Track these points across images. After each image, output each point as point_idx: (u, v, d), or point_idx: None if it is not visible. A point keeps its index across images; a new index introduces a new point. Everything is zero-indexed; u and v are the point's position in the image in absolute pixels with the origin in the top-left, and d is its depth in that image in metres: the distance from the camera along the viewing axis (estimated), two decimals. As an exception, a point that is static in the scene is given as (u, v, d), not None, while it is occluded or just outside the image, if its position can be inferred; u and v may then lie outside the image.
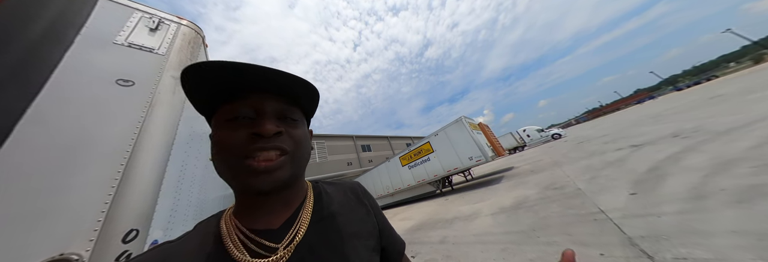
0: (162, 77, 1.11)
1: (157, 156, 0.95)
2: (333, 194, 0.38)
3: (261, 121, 0.25)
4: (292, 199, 0.32)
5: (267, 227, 0.28)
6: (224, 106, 0.26)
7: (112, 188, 0.77)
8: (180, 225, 1.11)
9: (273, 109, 0.27)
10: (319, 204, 0.34)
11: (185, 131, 1.22)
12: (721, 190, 1.65)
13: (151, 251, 0.28)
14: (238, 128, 0.25)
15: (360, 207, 0.38)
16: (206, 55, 1.81)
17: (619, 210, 1.86)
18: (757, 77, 8.32)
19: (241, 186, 0.26)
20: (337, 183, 0.42)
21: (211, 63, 0.22)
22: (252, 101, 0.26)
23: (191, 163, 1.33)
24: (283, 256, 0.26)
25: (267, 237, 0.27)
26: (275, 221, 0.29)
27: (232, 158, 0.24)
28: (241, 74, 0.24)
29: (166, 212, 0.96)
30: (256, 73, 0.24)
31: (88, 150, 0.78)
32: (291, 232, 0.28)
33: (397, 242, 0.40)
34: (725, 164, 2.05)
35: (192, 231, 0.30)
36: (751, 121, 3.22)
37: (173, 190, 1.04)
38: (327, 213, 0.33)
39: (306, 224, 0.30)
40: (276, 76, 0.25)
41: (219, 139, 0.25)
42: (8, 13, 0.54)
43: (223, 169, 0.26)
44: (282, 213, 0.30)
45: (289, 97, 0.29)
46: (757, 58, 76.72)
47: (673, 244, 1.25)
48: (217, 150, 0.25)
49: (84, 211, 0.70)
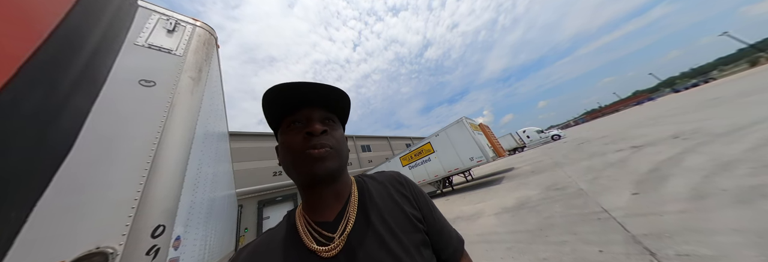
0: (180, 78, 1.14)
1: (179, 154, 0.98)
2: (374, 187, 0.41)
3: (311, 123, 0.34)
4: (342, 192, 0.37)
5: (325, 220, 0.34)
6: (285, 118, 0.35)
7: (140, 185, 0.80)
8: (196, 221, 1.14)
9: (318, 116, 0.36)
10: (363, 197, 0.38)
11: (201, 131, 1.25)
12: (721, 190, 1.69)
13: (262, 235, 0.37)
14: (296, 133, 0.33)
15: (401, 198, 0.39)
16: (218, 56, 1.84)
17: (622, 209, 1.90)
18: (752, 80, 8.42)
19: (304, 173, 0.32)
20: (379, 176, 0.45)
21: (284, 84, 0.31)
22: (304, 112, 0.35)
23: (205, 162, 1.36)
24: (338, 244, 0.31)
25: (326, 228, 0.33)
26: (330, 214, 0.35)
27: (295, 153, 0.32)
28: (298, 88, 0.32)
29: (185, 209, 0.99)
30: (303, 89, 0.33)
31: (119, 148, 0.81)
32: (342, 224, 0.33)
33: (452, 237, 0.39)
34: (725, 166, 2.09)
35: (283, 220, 0.39)
36: (748, 124, 3.28)
37: (191, 187, 1.07)
38: (370, 205, 0.37)
39: (353, 216, 0.34)
40: (316, 89, 0.34)
41: (285, 142, 0.34)
42: (79, 18, 0.57)
43: (289, 164, 0.33)
44: (335, 206, 0.36)
45: (328, 106, 0.37)
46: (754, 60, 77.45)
47: (676, 241, 1.29)
48: (285, 150, 0.34)
49: (117, 206, 0.73)
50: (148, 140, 0.89)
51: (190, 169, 1.03)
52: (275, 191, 9.91)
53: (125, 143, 0.83)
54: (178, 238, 0.89)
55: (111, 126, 0.82)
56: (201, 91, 1.24)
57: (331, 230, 0.32)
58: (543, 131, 15.83)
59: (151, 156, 0.87)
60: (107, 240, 0.68)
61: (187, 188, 0.99)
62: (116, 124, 0.84)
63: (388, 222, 0.34)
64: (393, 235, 0.32)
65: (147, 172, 0.83)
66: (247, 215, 8.73)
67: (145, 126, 0.91)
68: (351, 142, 16.51)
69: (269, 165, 10.42)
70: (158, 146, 0.90)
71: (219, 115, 2.14)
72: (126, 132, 0.85)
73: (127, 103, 0.91)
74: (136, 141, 0.86)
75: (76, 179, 0.67)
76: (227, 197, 3.04)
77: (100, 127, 0.78)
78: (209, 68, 1.41)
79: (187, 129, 1.06)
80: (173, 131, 0.97)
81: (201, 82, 1.26)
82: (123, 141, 0.83)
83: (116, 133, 0.82)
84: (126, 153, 0.81)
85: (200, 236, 1.20)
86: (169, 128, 0.97)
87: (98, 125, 0.78)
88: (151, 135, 0.91)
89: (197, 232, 1.15)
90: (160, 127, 0.94)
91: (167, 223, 0.81)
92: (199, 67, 1.28)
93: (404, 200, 0.39)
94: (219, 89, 2.06)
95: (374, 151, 18.03)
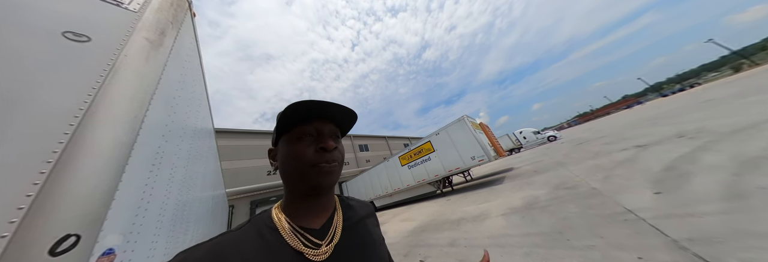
0: (131, 38, 0.86)
1: (115, 138, 0.69)
2: (355, 207, 0.46)
3: (324, 139, 0.36)
4: (329, 204, 0.40)
5: (310, 226, 0.36)
6: (296, 127, 0.36)
7: (40, 174, 0.53)
8: (152, 228, 0.87)
9: (328, 130, 0.37)
10: (347, 214, 0.42)
11: (162, 117, 0.97)
12: (759, 188, 1.55)
13: (218, 236, 0.33)
14: (308, 145, 0.35)
15: (374, 221, 0.48)
16: (194, 25, 1.55)
17: (650, 210, 1.73)
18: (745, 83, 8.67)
19: (310, 184, 0.35)
20: (355, 199, 0.50)
21: (305, 102, 0.33)
22: (317, 124, 0.37)
23: (169, 160, 1.07)
24: (326, 251, 0.33)
25: (312, 234, 0.35)
26: (316, 222, 0.37)
27: (306, 164, 0.34)
28: (317, 106, 0.35)
29: (128, 213, 0.72)
30: (324, 105, 0.35)
31: (13, 114, 0.54)
32: (330, 233, 0.36)
33: (389, 257, 0.46)
34: (752, 163, 1.96)
35: (247, 223, 0.36)
36: (756, 123, 3.22)
37: (140, 187, 0.79)
38: (353, 222, 0.41)
39: (340, 228, 0.38)
40: (334, 109, 0.36)
41: (294, 151, 0.35)
42: None
43: (295, 173, 0.35)
44: (321, 216, 0.38)
45: (336, 122, 0.39)
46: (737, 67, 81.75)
47: (732, 247, 1.11)
48: (292, 159, 0.35)
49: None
50: (65, 110, 0.62)
51: (139, 162, 0.76)
52: (269, 190, 9.52)
53: (15, 114, 0.55)
54: (109, 252, 0.62)
55: (7, 84, 0.55)
56: (162, 60, 0.96)
57: (318, 237, 0.34)
58: (539, 132, 15.95)
59: (66, 135, 0.60)
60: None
61: (131, 186, 0.72)
62: (16, 82, 0.57)
63: (367, 242, 0.39)
64: (373, 251, 0.39)
65: (56, 155, 0.56)
66: (239, 215, 8.33)
67: (61, 92, 0.64)
68: (349, 141, 16.22)
69: (263, 164, 10.01)
70: (81, 121, 0.63)
71: (199, 105, 1.84)
72: (21, 97, 0.58)
73: (35, 59, 0.64)
74: (39, 111, 0.59)
75: None
76: (213, 198, 2.74)
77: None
78: (177, 35, 1.13)
79: (134, 106, 0.78)
80: (110, 101, 0.70)
81: (163, 49, 0.98)
82: (22, 106, 0.56)
83: (14, 95, 0.55)
84: (15, 129, 0.54)
85: (161, 246, 0.92)
86: (104, 99, 0.69)
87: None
88: (71, 104, 0.63)
89: (156, 242, 0.88)
90: (87, 97, 0.67)
91: (84, 232, 0.55)
92: (161, 30, 1.00)
93: (376, 229, 0.45)
94: (197, 70, 1.75)
95: (372, 150, 17.80)
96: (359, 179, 9.28)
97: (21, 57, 0.62)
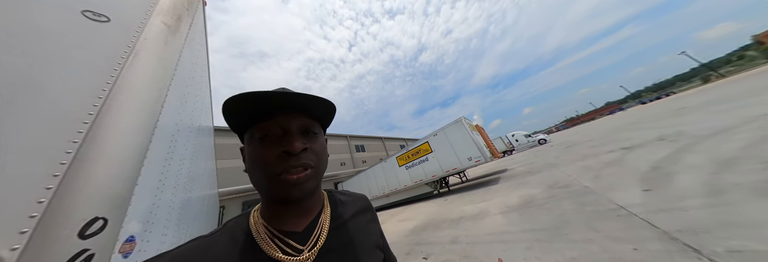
0: (149, 21, 0.84)
1: (139, 121, 0.68)
2: (347, 203, 0.41)
3: (289, 139, 0.28)
4: (313, 206, 0.34)
5: (292, 229, 0.31)
6: (257, 125, 0.29)
7: (67, 154, 0.51)
8: (163, 220, 0.83)
9: (297, 126, 0.30)
10: (336, 212, 0.37)
11: (176, 106, 0.93)
12: (734, 184, 1.69)
13: (188, 243, 0.29)
14: (270, 146, 0.28)
15: (370, 217, 0.42)
16: (204, 14, 1.52)
17: (640, 206, 1.84)
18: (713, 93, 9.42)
19: (274, 196, 0.30)
20: (349, 194, 0.45)
21: (247, 94, 0.25)
22: (279, 120, 0.29)
23: (179, 152, 1.02)
24: (309, 257, 0.29)
25: (293, 238, 0.30)
26: (299, 225, 0.32)
27: (268, 172, 0.27)
28: (269, 101, 0.27)
29: (148, 201, 0.69)
30: (282, 98, 0.27)
31: (28, 100, 0.51)
32: (313, 236, 0.31)
33: (392, 257, 0.45)
34: (727, 162, 2.14)
35: (222, 228, 0.32)
36: (728, 127, 3.51)
37: (157, 175, 0.77)
38: (343, 221, 0.36)
39: (326, 230, 0.33)
40: (297, 99, 0.28)
41: (254, 156, 0.28)
42: None
43: (258, 181, 0.28)
44: (305, 218, 0.33)
45: (309, 113, 0.31)
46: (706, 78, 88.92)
47: (718, 237, 1.20)
48: (254, 166, 0.28)
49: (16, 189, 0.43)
50: (89, 90, 0.59)
51: (159, 146, 0.73)
52: (260, 190, 9.27)
53: (38, 95, 0.53)
54: (131, 239, 0.60)
55: (27, 60, 0.52)
56: (179, 45, 0.94)
57: (299, 241, 0.30)
58: (530, 135, 16.51)
59: (91, 114, 0.57)
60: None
61: (152, 169, 0.70)
62: (27, 65, 0.54)
63: (357, 242, 0.34)
64: (362, 254, 0.34)
65: (81, 136, 0.54)
66: (230, 217, 8.03)
67: (83, 73, 0.61)
68: (345, 141, 16.07)
69: (254, 162, 9.75)
70: (105, 101, 0.60)
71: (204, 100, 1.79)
72: (42, 78, 0.55)
73: (59, 35, 0.61)
74: (63, 93, 0.56)
75: None
76: (207, 198, 2.63)
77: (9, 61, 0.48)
78: (192, 22, 1.10)
79: (155, 88, 0.76)
80: (132, 83, 0.68)
81: (179, 35, 0.96)
82: (45, 87, 0.53)
83: (22, 78, 0.52)
84: (40, 109, 0.51)
85: (170, 239, 0.88)
86: (127, 79, 0.67)
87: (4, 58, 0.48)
88: (95, 84, 0.61)
89: (165, 235, 0.84)
90: (110, 78, 0.65)
91: (110, 215, 0.53)
92: (178, 15, 0.97)
93: (372, 224, 0.41)
94: (203, 60, 1.71)
95: (368, 151, 17.72)
96: (355, 180, 9.21)
97: (41, 33, 0.60)
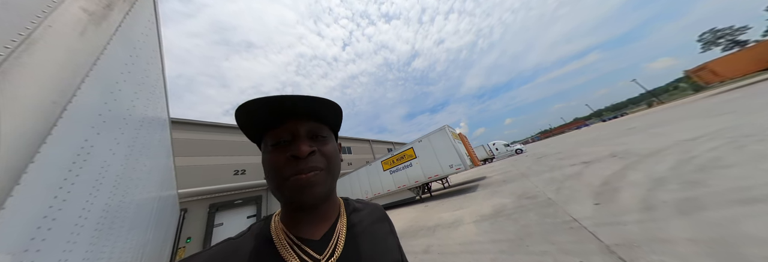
0: (60, 6, 0.71)
1: (15, 129, 0.52)
2: (363, 211, 0.41)
3: (296, 143, 0.30)
4: (330, 212, 0.36)
5: (310, 237, 0.32)
6: (268, 133, 0.31)
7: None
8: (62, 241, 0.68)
9: (305, 130, 0.31)
10: (353, 220, 0.38)
11: (95, 105, 0.80)
12: (663, 202, 1.97)
13: (218, 244, 0.32)
14: (279, 152, 0.30)
15: (386, 227, 0.42)
16: (155, 4, 1.38)
17: (589, 219, 2.06)
18: (654, 117, 10.99)
19: (287, 200, 0.31)
20: (365, 202, 0.46)
21: (257, 100, 0.26)
22: (288, 127, 0.30)
23: (99, 156, 0.87)
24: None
25: (311, 246, 0.31)
26: (317, 232, 0.33)
27: (279, 178, 0.29)
28: (280, 104, 0.28)
29: (24, 225, 0.54)
30: (289, 101, 0.28)
31: None
32: (331, 245, 0.32)
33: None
34: (659, 181, 2.49)
35: (247, 231, 0.34)
36: (661, 149, 4.10)
37: (48, 191, 0.62)
38: (361, 229, 0.37)
39: (343, 238, 0.33)
40: (304, 102, 0.29)
41: (267, 162, 0.30)
42: None
43: (273, 187, 0.30)
44: (322, 225, 0.34)
45: (317, 117, 0.33)
46: (650, 103, 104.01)
47: (645, 251, 1.39)
48: (267, 172, 0.30)
49: None
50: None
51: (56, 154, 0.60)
52: (234, 192, 8.55)
53: None
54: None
55: None
56: (104, 37, 0.82)
57: (317, 250, 0.31)
58: (509, 145, 17.66)
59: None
60: None
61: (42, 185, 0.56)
62: None
63: (377, 250, 0.35)
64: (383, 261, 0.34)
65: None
66: (193, 221, 7.26)
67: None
68: (328, 142, 15.68)
69: (230, 162, 9.02)
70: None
71: (151, 91, 1.61)
72: None
73: None
74: None
75: None
76: (160, 200, 2.36)
77: None
78: (130, 10, 0.99)
79: (56, 86, 0.62)
80: (17, 80, 0.55)
81: (106, 25, 0.83)
82: None
83: None
84: None
85: (77, 258, 0.74)
86: (7, 75, 0.53)
87: None
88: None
89: (66, 259, 0.70)
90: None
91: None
92: (107, 2, 0.87)
93: (390, 237, 0.41)
94: (154, 52, 1.56)
95: (355, 153, 17.46)
96: (338, 183, 8.99)
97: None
